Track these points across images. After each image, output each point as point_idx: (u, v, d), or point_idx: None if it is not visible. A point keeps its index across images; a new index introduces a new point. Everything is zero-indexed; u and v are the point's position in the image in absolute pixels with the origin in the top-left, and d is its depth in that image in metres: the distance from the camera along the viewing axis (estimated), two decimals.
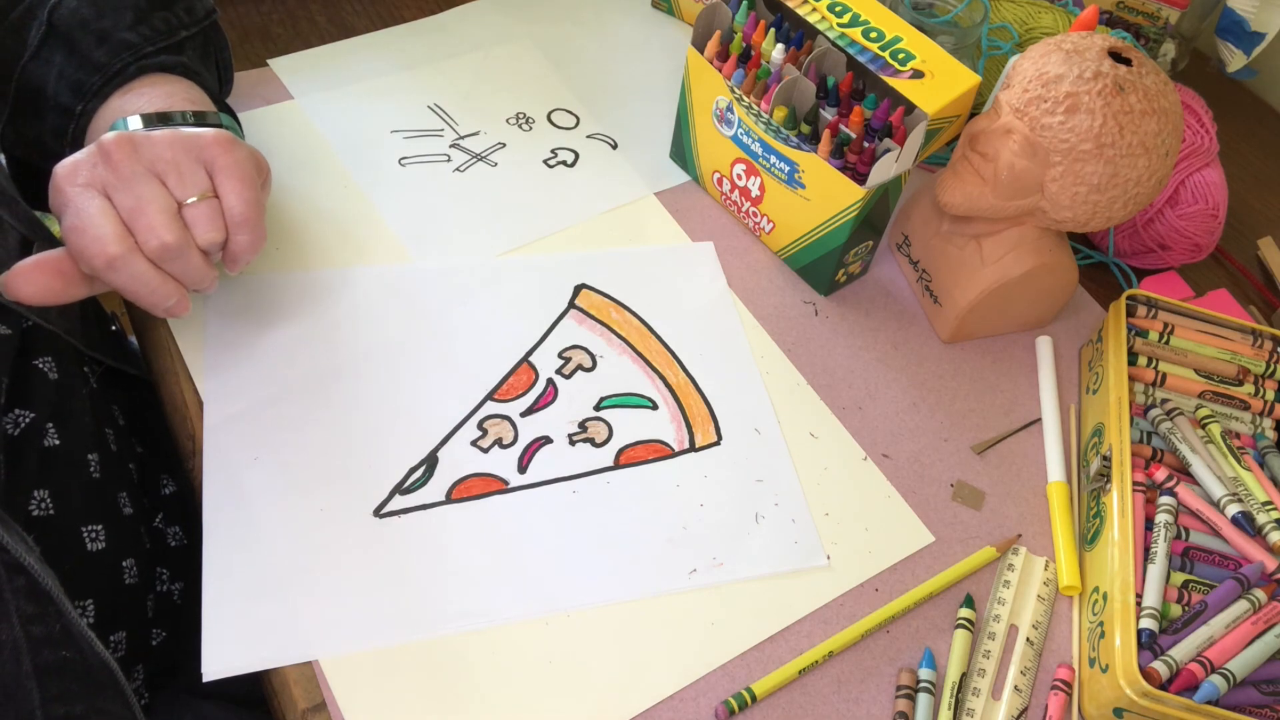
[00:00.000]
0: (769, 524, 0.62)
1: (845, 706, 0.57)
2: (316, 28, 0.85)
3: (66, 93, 0.60)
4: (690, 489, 0.63)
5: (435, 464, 0.62)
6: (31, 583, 0.47)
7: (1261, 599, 0.58)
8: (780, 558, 0.61)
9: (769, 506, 0.63)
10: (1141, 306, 0.72)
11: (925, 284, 0.75)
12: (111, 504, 0.59)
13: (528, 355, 0.68)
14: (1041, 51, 0.64)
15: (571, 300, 0.71)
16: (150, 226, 0.52)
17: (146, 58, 0.61)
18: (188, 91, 0.62)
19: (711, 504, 0.63)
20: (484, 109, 0.82)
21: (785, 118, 0.69)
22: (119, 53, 0.60)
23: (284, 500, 0.58)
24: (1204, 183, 0.78)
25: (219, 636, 0.53)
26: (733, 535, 0.61)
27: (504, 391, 0.66)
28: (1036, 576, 0.63)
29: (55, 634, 0.47)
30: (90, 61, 0.60)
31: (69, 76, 0.60)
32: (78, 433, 0.57)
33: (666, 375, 0.68)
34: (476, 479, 0.62)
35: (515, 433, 0.64)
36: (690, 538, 0.61)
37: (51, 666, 0.47)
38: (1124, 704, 0.55)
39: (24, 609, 0.46)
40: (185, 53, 0.64)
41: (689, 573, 0.59)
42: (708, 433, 0.66)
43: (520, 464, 0.63)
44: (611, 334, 0.70)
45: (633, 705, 0.55)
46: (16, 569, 0.46)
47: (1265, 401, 0.69)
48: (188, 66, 0.64)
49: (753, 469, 0.64)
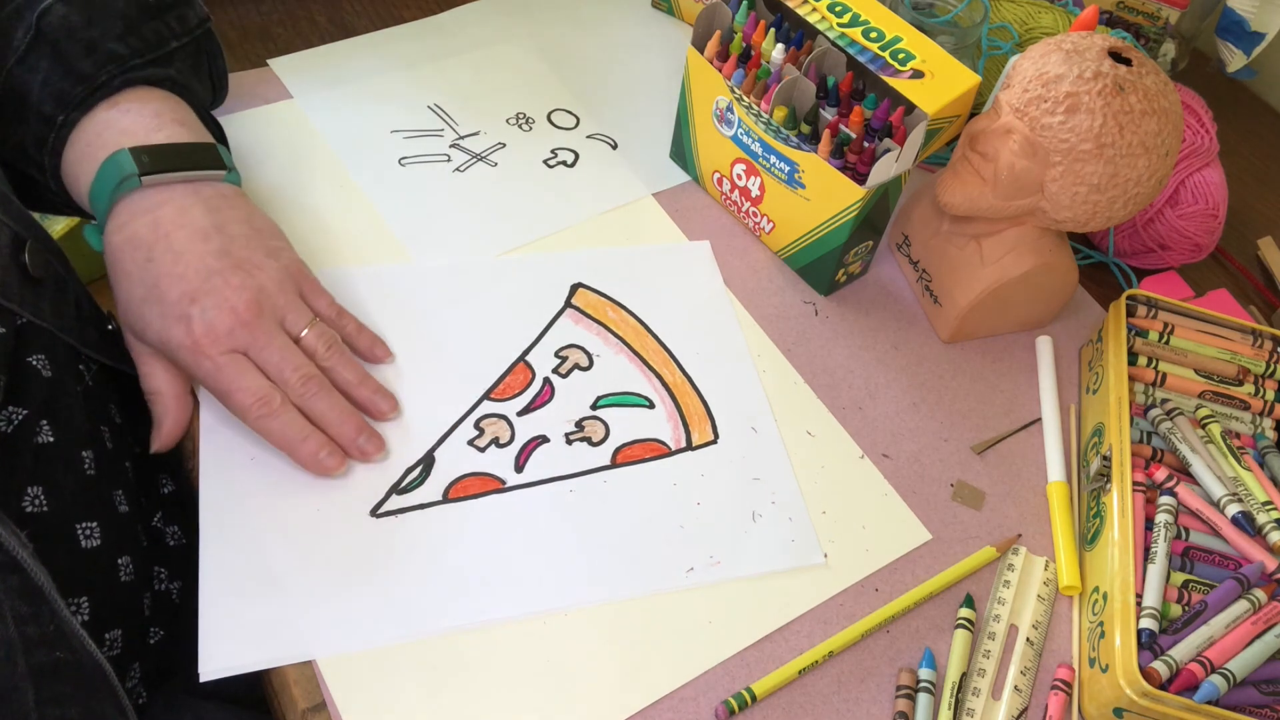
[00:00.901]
0: (766, 522, 0.62)
1: (845, 706, 0.57)
2: (316, 28, 0.85)
3: (50, 102, 0.60)
4: (687, 488, 0.63)
5: (432, 464, 0.62)
6: (25, 581, 0.47)
7: (1261, 599, 0.58)
8: (777, 556, 0.61)
9: (766, 505, 0.63)
10: (1141, 306, 0.72)
11: (925, 284, 0.75)
12: (107, 501, 0.59)
13: (524, 354, 0.68)
14: (1041, 51, 0.64)
15: (568, 299, 0.71)
16: (293, 368, 0.58)
17: (133, 70, 0.61)
18: (175, 110, 0.62)
19: (708, 502, 0.62)
20: (484, 109, 0.82)
21: (785, 118, 0.69)
22: (105, 64, 0.60)
23: (281, 500, 0.58)
24: (1204, 183, 0.78)
25: (216, 635, 0.53)
26: (730, 534, 0.61)
27: (501, 391, 0.66)
28: (1036, 576, 0.63)
29: (49, 634, 0.47)
30: (75, 72, 0.60)
31: (53, 85, 0.60)
32: (72, 430, 0.57)
33: (663, 374, 0.68)
34: (473, 478, 0.62)
35: (512, 432, 0.64)
36: (687, 536, 0.61)
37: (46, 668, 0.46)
38: (1124, 704, 0.55)
39: (18, 609, 0.46)
40: (174, 64, 0.64)
41: (686, 571, 0.59)
42: (704, 431, 0.66)
43: (517, 463, 0.63)
44: (608, 333, 0.70)
45: (632, 704, 0.55)
46: (11, 567, 0.46)
47: (1265, 401, 0.69)
48: (175, 80, 0.64)
49: (749, 467, 0.64)
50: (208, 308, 0.57)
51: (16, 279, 0.55)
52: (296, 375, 0.58)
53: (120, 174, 0.58)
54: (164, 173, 0.59)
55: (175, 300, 0.57)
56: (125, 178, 0.58)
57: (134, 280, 0.58)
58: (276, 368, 0.58)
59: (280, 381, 0.58)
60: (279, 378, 0.58)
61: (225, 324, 0.57)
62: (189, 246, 0.58)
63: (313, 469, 0.59)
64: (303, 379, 0.58)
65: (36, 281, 0.57)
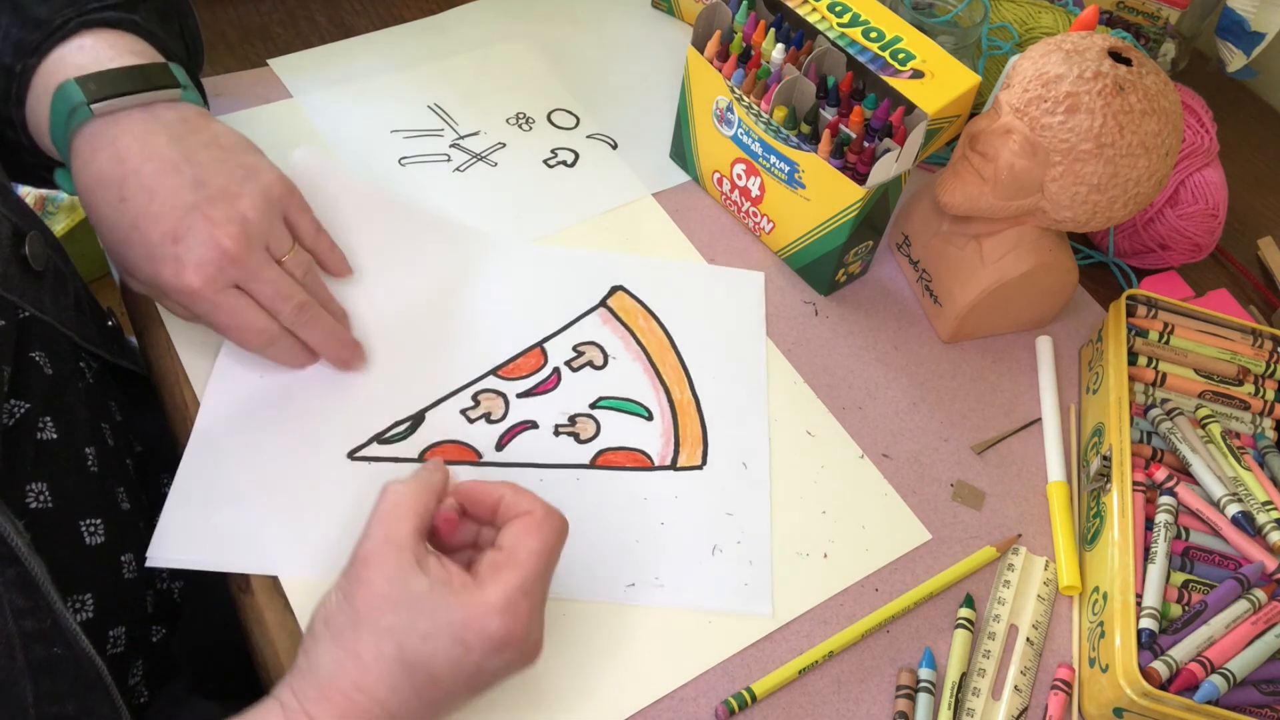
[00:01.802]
0: (724, 559, 0.61)
1: (845, 706, 0.57)
2: (316, 28, 0.85)
3: (10, 53, 0.58)
4: (656, 505, 0.62)
5: (420, 422, 0.63)
6: (22, 573, 0.47)
7: (1261, 599, 0.58)
8: (725, 596, 0.59)
9: (730, 542, 0.61)
10: (1141, 306, 0.72)
11: (925, 284, 0.75)
12: (110, 498, 0.59)
13: (543, 341, 0.68)
14: (1041, 51, 0.64)
15: (604, 299, 0.71)
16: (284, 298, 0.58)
17: (90, 13, 0.59)
18: (133, 45, 0.60)
19: (673, 525, 0.61)
20: (484, 109, 0.82)
21: (785, 118, 0.69)
22: (62, 9, 0.58)
23: (271, 424, 0.61)
24: (1204, 183, 0.78)
25: (173, 530, 0.56)
26: (683, 561, 0.60)
27: (509, 370, 0.66)
28: (1036, 576, 0.63)
29: (46, 629, 0.47)
30: (32, 19, 0.58)
31: (13, 36, 0.58)
32: (74, 426, 0.57)
33: (672, 390, 0.68)
34: (452, 445, 0.62)
35: (506, 411, 0.64)
36: (637, 551, 0.60)
37: (44, 663, 0.46)
38: (1124, 704, 0.55)
39: (15, 602, 0.46)
40: (138, 12, 0.62)
41: (626, 585, 0.59)
42: (694, 455, 0.65)
43: (500, 441, 0.63)
44: (632, 339, 0.69)
45: (632, 704, 0.55)
46: (8, 559, 0.46)
47: (1265, 401, 0.69)
48: (138, 24, 0.61)
49: (726, 501, 0.63)
50: (193, 246, 0.55)
51: (18, 271, 0.55)
52: (289, 305, 0.59)
53: (69, 104, 0.56)
54: (114, 98, 0.56)
55: (157, 241, 0.56)
56: (75, 108, 0.56)
57: (111, 224, 0.57)
58: (269, 299, 0.58)
59: (273, 311, 0.58)
60: (272, 307, 0.58)
61: (214, 262, 0.55)
62: (161, 181, 0.56)
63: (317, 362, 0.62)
64: (296, 308, 0.59)
65: (37, 274, 0.57)
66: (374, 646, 0.45)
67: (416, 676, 0.45)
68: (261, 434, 0.61)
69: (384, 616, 0.45)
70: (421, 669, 0.45)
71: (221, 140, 0.60)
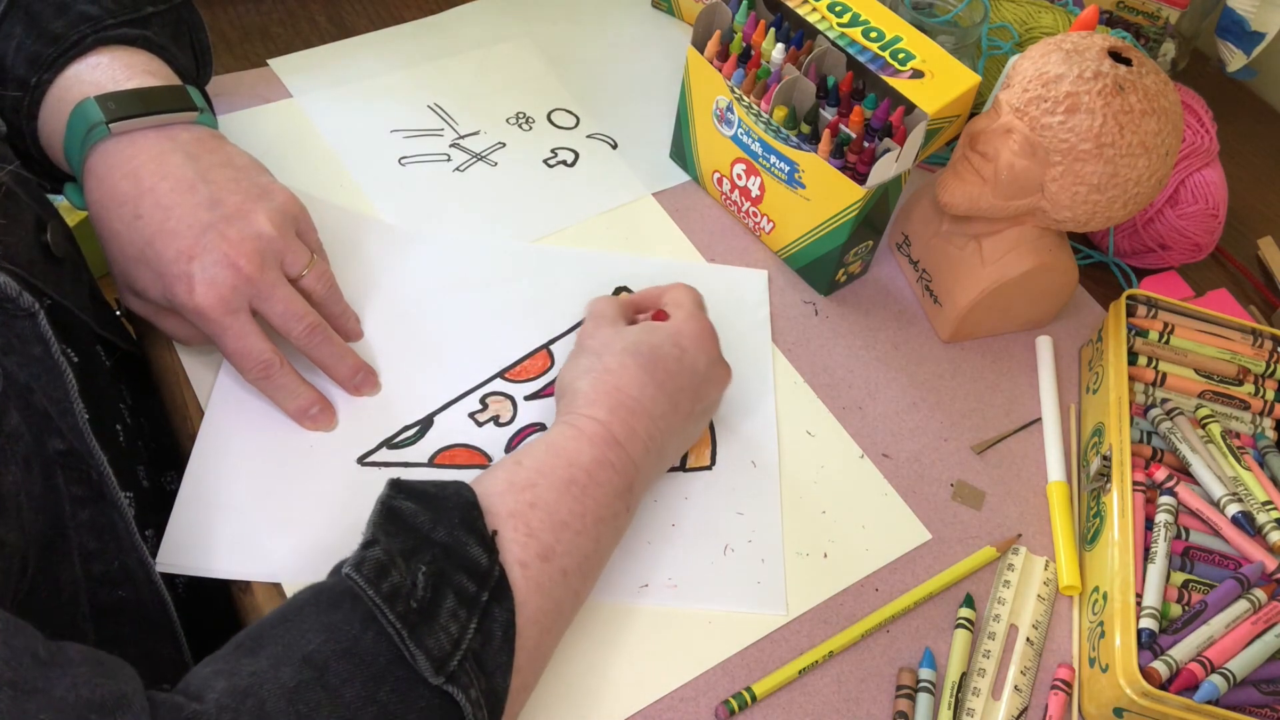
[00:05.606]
0: (736, 558, 0.61)
1: (845, 706, 0.57)
2: (316, 28, 0.85)
3: (23, 65, 0.59)
4: (666, 506, 0.62)
5: (429, 426, 0.63)
6: (96, 516, 0.47)
7: (1261, 599, 0.58)
8: (738, 596, 0.59)
9: (741, 541, 0.61)
10: (1141, 306, 0.72)
11: (925, 284, 0.75)
12: (135, 475, 0.60)
13: (549, 342, 0.68)
14: (1041, 51, 0.64)
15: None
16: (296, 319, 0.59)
17: (106, 30, 0.60)
18: (148, 64, 0.61)
19: (684, 525, 0.61)
20: (484, 109, 0.82)
21: (785, 118, 0.69)
22: (77, 24, 0.59)
23: (279, 429, 0.60)
24: (1204, 183, 0.78)
25: (181, 538, 0.55)
26: (695, 562, 0.60)
27: (516, 372, 0.66)
28: (1036, 576, 0.63)
29: (114, 571, 0.47)
30: (48, 33, 0.59)
31: (27, 49, 0.59)
32: (105, 405, 0.58)
33: None
34: (462, 449, 0.62)
35: (514, 413, 0.64)
36: (650, 553, 0.60)
37: (108, 608, 0.47)
38: (1124, 704, 0.55)
39: (86, 544, 0.46)
40: (151, 27, 0.63)
41: (640, 587, 0.59)
42: (701, 456, 0.65)
43: (509, 445, 0.63)
44: None
45: (632, 704, 0.55)
46: (81, 501, 0.46)
47: (1265, 401, 0.69)
48: (151, 40, 0.62)
49: (736, 500, 0.63)
50: (208, 265, 0.56)
51: (41, 259, 0.56)
52: (301, 325, 0.59)
53: (87, 123, 0.57)
54: (132, 118, 0.57)
55: (172, 259, 0.56)
56: (93, 126, 0.57)
57: (124, 240, 0.57)
58: (281, 317, 0.58)
59: (284, 331, 0.59)
60: (283, 326, 0.59)
61: (228, 281, 0.56)
62: (177, 200, 0.57)
63: (304, 424, 0.61)
64: (308, 329, 0.59)
65: (58, 262, 0.57)
66: (616, 360, 0.58)
67: (656, 373, 0.57)
68: (270, 440, 0.60)
69: (615, 343, 0.59)
70: (656, 367, 0.58)
71: (235, 161, 0.61)
